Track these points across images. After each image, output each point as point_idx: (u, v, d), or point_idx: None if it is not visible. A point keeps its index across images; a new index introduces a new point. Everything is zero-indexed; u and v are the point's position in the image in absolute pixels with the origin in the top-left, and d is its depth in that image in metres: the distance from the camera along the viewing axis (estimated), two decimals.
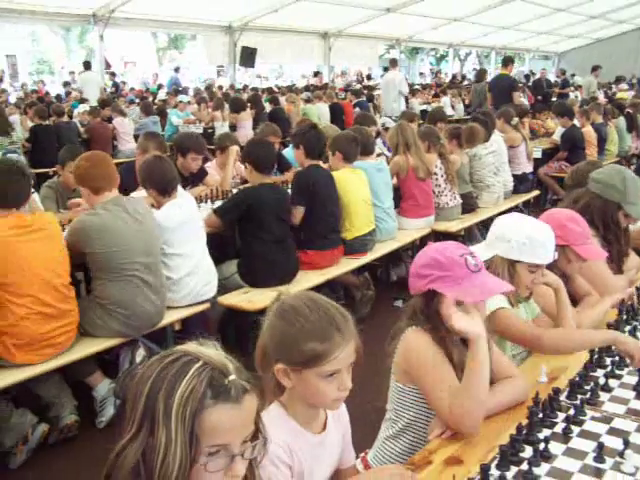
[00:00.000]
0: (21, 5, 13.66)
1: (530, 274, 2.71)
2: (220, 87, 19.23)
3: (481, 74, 14.55)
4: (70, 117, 12.19)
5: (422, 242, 6.22)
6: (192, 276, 4.45)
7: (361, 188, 5.54)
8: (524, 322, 2.73)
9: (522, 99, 11.71)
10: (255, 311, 4.41)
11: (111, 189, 4.13)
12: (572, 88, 19.99)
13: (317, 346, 1.83)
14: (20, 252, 3.66)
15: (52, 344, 3.76)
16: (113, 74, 22.11)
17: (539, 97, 16.11)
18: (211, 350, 1.47)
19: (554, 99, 16.43)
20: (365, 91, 17.15)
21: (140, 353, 4.14)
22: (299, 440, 1.92)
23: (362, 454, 2.50)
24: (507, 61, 12.50)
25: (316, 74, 23.62)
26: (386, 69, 31.76)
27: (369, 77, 26.87)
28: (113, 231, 3.98)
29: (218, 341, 4.43)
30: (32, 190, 4.54)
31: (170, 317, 4.33)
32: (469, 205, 6.99)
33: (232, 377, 1.42)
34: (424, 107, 15.36)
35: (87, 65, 15.71)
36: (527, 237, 2.66)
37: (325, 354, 1.83)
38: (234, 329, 4.78)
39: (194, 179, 5.85)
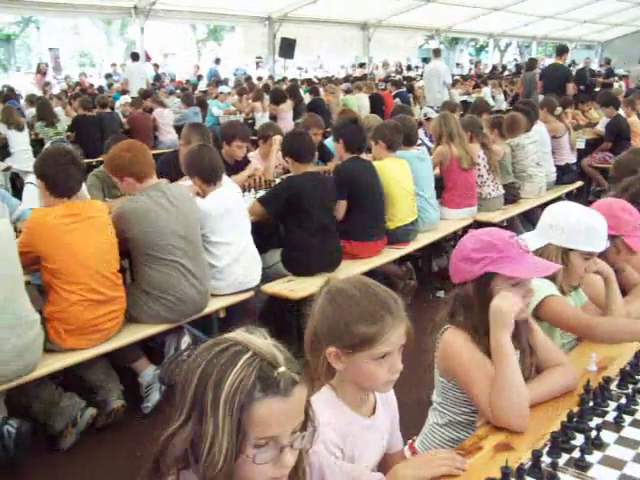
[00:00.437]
0: None
1: (584, 262, 2.69)
2: (259, 78, 19.29)
3: (532, 63, 14.39)
4: (112, 109, 12.33)
5: (464, 233, 6.17)
6: (236, 264, 4.48)
7: (404, 178, 5.53)
8: (575, 310, 2.70)
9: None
10: (297, 300, 4.46)
11: (152, 175, 4.19)
12: (617, 78, 19.61)
13: (368, 328, 1.84)
14: (70, 240, 3.73)
15: (100, 329, 3.84)
16: (156, 65, 22.27)
17: (582, 87, 15.85)
18: (260, 339, 1.46)
19: (597, 89, 16.15)
20: (405, 82, 17.04)
21: (185, 340, 4.20)
22: (349, 423, 1.94)
23: (410, 441, 2.52)
24: (562, 50, 12.25)
25: (361, 65, 23.55)
26: (425, 60, 31.49)
27: (409, 68, 26.66)
28: (152, 216, 4.03)
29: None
30: None
31: (214, 305, 4.37)
32: (512, 196, 6.94)
33: (281, 369, 1.41)
34: (464, 98, 15.21)
35: (135, 56, 15.78)
36: (582, 225, 2.65)
37: (376, 336, 1.84)
38: (276, 317, 4.81)
39: (238, 168, 5.88)
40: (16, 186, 8.92)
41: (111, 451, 3.82)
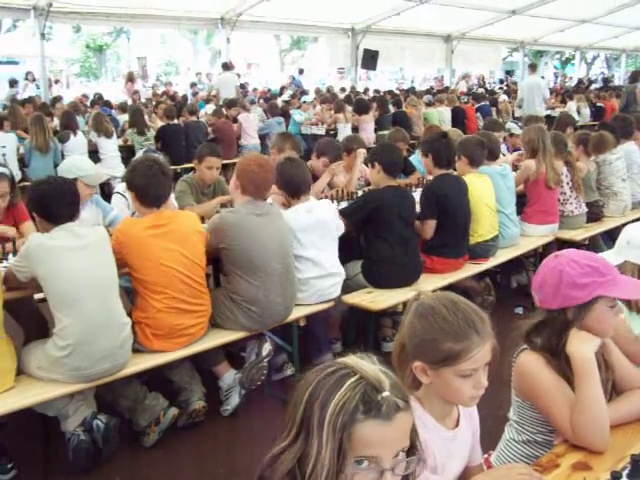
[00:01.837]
0: (156, 11, 14.36)
1: None
2: (342, 89, 19.41)
3: (635, 75, 14.14)
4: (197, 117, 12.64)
5: (544, 250, 6.12)
6: (318, 277, 4.54)
7: (486, 194, 5.51)
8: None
9: None
10: (377, 311, 4.53)
11: (256, 197, 4.29)
12: None
13: (454, 345, 1.90)
14: (155, 251, 3.87)
15: (186, 334, 3.97)
16: (238, 75, 22.64)
17: None
18: (368, 364, 1.50)
19: None
20: (487, 95, 16.91)
21: (267, 347, 4.26)
22: (434, 435, 1.99)
23: (485, 455, 2.54)
24: None
25: (464, 77, 23.52)
26: (509, 73, 31.04)
27: (502, 81, 26.30)
28: (249, 229, 4.14)
29: (339, 339, 4.56)
30: None
31: (295, 313, 4.43)
32: (595, 214, 6.80)
33: (385, 394, 1.45)
34: (548, 112, 14.98)
35: (226, 66, 16.04)
36: None
37: (462, 353, 1.90)
38: (355, 328, 4.87)
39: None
40: (104, 191, 9.24)
41: (191, 450, 3.95)
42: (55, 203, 3.61)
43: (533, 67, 15.10)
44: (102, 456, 3.73)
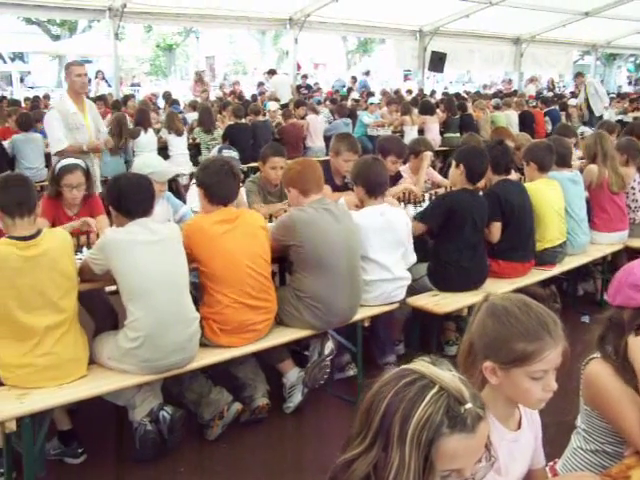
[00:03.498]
0: (225, 12, 14.59)
1: None
2: (409, 91, 19.33)
3: None
4: (264, 115, 12.76)
5: (614, 258, 6.00)
6: (386, 281, 4.54)
7: (555, 200, 5.42)
8: None
9: None
10: (442, 315, 4.51)
11: (317, 192, 4.36)
12: None
13: (528, 346, 1.89)
14: (224, 245, 3.94)
15: (253, 330, 4.03)
16: (304, 77, 22.78)
17: None
18: (446, 373, 1.50)
19: None
20: (556, 99, 16.59)
21: (329, 346, 4.28)
22: (496, 436, 1.96)
23: (551, 463, 2.52)
24: None
25: (531, 80, 23.23)
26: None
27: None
28: (318, 227, 4.17)
29: (402, 341, 4.55)
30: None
31: (360, 314, 4.43)
32: None
33: (468, 405, 1.45)
34: (620, 117, 14.62)
35: (272, 71, 16.52)
36: None
37: (534, 354, 1.89)
38: (419, 330, 4.87)
39: (390, 182, 5.94)
40: (172, 187, 9.39)
41: (253, 445, 4.01)
42: (132, 198, 3.73)
43: (581, 75, 14.94)
44: (167, 446, 3.82)
